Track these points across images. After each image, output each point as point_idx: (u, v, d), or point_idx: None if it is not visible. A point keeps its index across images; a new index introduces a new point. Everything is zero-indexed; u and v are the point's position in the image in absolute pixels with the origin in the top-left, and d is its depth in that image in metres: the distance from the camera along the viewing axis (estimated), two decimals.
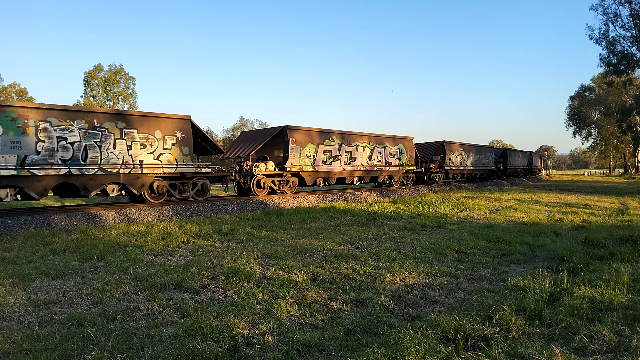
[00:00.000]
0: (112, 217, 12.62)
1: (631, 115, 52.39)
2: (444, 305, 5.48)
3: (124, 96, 56.64)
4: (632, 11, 43.97)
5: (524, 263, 7.85)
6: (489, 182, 34.80)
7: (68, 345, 4.08)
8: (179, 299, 5.46)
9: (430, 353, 3.81)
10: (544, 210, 16.18)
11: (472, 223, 12.47)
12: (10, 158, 11.57)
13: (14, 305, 5.31)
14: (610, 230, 10.32)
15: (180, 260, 7.71)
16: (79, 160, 12.82)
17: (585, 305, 4.95)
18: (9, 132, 11.54)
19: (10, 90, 55.95)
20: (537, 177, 51.19)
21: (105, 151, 13.37)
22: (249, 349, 4.12)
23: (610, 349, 3.91)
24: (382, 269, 7.06)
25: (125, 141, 13.84)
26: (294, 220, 12.80)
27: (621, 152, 76.56)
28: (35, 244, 8.97)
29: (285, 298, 5.59)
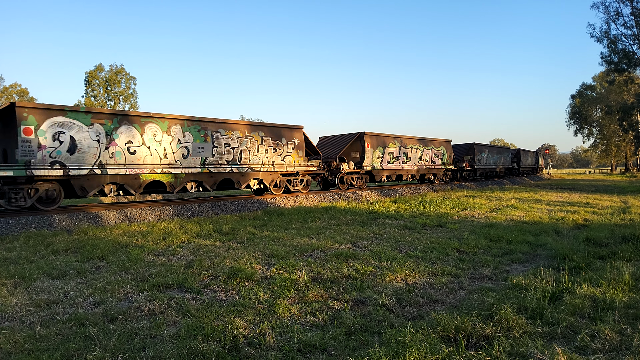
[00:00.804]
0: (114, 217, 12.64)
1: (632, 113, 52.31)
2: (445, 304, 5.48)
3: (125, 96, 56.63)
4: (634, 9, 43.90)
5: (525, 262, 7.84)
6: (490, 181, 34.90)
7: (70, 346, 4.09)
8: (180, 299, 5.46)
9: (432, 352, 3.80)
10: (546, 209, 16.16)
11: (474, 222, 12.46)
12: (196, 160, 15.52)
13: (15, 305, 5.31)
14: (612, 229, 10.30)
15: (181, 260, 7.71)
16: (236, 161, 16.91)
17: (587, 304, 4.94)
18: (196, 140, 15.52)
19: (12, 90, 56.01)
20: (538, 176, 51.17)
21: (252, 154, 17.49)
22: (250, 349, 4.12)
23: (611, 348, 3.91)
24: (384, 268, 7.06)
25: (263, 146, 17.98)
26: (295, 219, 12.80)
27: (622, 150, 76.44)
28: (37, 244, 8.98)
29: (287, 298, 5.59)
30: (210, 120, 16.10)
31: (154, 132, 14.45)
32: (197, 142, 15.52)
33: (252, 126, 17.80)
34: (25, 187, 12.09)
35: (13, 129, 12.19)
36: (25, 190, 12.10)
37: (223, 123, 16.51)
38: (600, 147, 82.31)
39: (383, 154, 24.00)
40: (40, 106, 12.34)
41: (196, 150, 15.47)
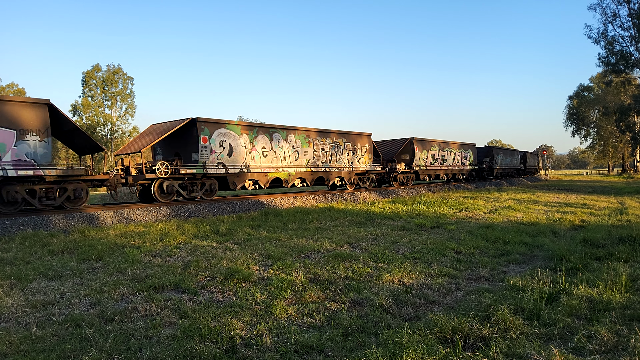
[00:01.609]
0: (110, 218, 12.61)
1: (630, 114, 52.47)
2: (442, 305, 5.48)
3: (122, 96, 56.57)
4: (631, 11, 44.05)
5: (522, 263, 7.85)
6: (487, 182, 35.06)
7: (66, 347, 4.07)
8: (177, 300, 5.45)
9: (429, 353, 3.80)
10: (543, 210, 16.19)
11: (471, 223, 12.47)
12: (303, 161, 19.89)
13: (11, 306, 5.29)
14: (609, 229, 10.33)
15: (178, 260, 7.70)
16: (328, 162, 21.23)
17: (584, 305, 4.95)
18: (303, 146, 19.94)
19: (9, 90, 55.84)
20: (536, 177, 51.32)
21: (338, 157, 21.80)
22: (247, 350, 4.11)
23: (608, 348, 3.91)
24: (381, 269, 7.06)
25: (346, 150, 22.24)
26: (292, 220, 12.79)
27: (620, 151, 76.66)
28: (33, 245, 8.95)
29: (284, 299, 5.58)
30: (313, 130, 20.47)
31: (277, 139, 18.71)
32: (304, 147, 20.01)
33: (338, 134, 21.87)
34: (198, 183, 16.22)
35: (192, 137, 15.87)
36: (197, 185, 16.20)
37: (321, 132, 20.91)
38: (597, 148, 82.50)
39: (427, 156, 28.28)
40: (212, 120, 16.22)
41: (303, 154, 19.91)
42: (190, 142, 15.90)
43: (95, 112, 54.37)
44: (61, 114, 12.98)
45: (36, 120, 12.19)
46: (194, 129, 15.65)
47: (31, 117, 12.08)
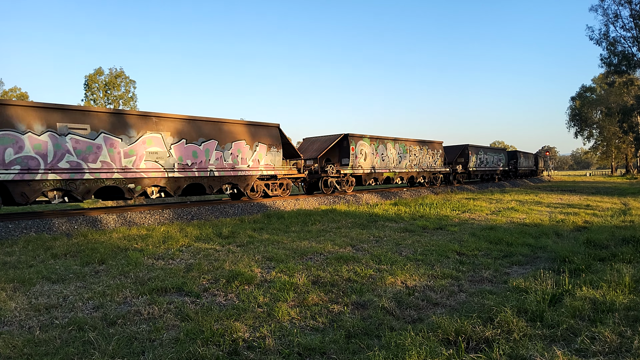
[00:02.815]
0: (113, 221, 12.63)
1: (633, 115, 52.30)
2: (445, 307, 5.47)
3: (124, 99, 56.73)
4: (633, 11, 43.94)
5: (525, 264, 7.83)
6: (490, 183, 35.06)
7: (69, 350, 4.08)
8: (179, 303, 5.45)
9: (432, 355, 3.80)
10: (546, 211, 16.15)
11: (474, 224, 12.45)
12: (402, 164, 25.60)
13: (15, 309, 5.30)
14: (612, 231, 10.30)
15: (181, 263, 7.70)
16: (418, 164, 26.84)
17: (587, 306, 4.93)
18: (403, 152, 25.51)
19: (11, 94, 56.05)
20: (538, 178, 51.24)
21: (424, 160, 27.44)
22: (249, 353, 4.11)
23: (611, 350, 3.90)
24: (383, 271, 7.05)
25: (428, 155, 27.77)
26: (294, 222, 12.79)
27: (623, 152, 76.44)
28: (36, 248, 8.98)
29: (286, 301, 5.58)
30: (410, 139, 26.31)
31: (389, 147, 24.48)
32: (404, 153, 25.77)
33: (420, 141, 27.33)
34: (346, 179, 21.76)
35: (343, 147, 21.94)
36: (345, 181, 21.74)
37: (408, 140, 26.24)
38: (600, 149, 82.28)
39: (476, 159, 34.77)
40: (356, 135, 22.00)
41: (403, 159, 25.67)
42: (342, 150, 22.02)
43: None
44: (283, 133, 18.54)
45: (276, 138, 18.11)
46: (345, 141, 21.69)
47: (272, 135, 18.02)
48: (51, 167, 11.99)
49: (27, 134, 11.54)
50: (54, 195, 12.37)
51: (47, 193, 12.22)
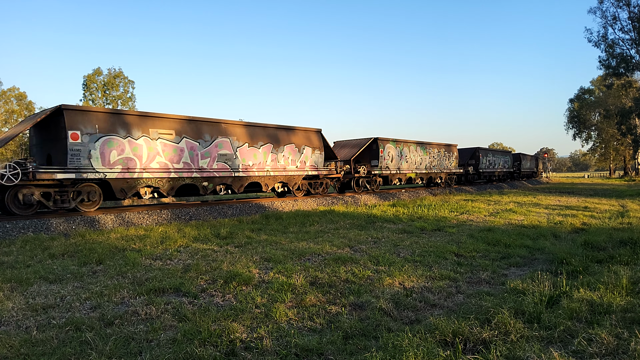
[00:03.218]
0: (111, 221, 12.62)
1: (631, 117, 52.47)
2: (443, 308, 5.47)
3: (123, 100, 56.67)
4: (631, 14, 44.10)
5: (523, 266, 7.84)
6: (488, 185, 35.12)
7: (66, 350, 4.07)
8: (177, 303, 5.45)
9: (429, 357, 3.80)
10: (544, 213, 16.17)
11: (472, 226, 12.46)
12: (423, 165, 27.90)
13: (12, 309, 5.29)
14: (610, 232, 10.32)
15: (178, 264, 7.70)
16: (437, 166, 29.21)
17: (584, 308, 4.94)
18: (424, 154, 28.09)
19: (10, 94, 55.95)
20: (537, 180, 51.36)
21: (442, 161, 29.90)
22: (247, 353, 4.11)
23: (608, 352, 3.91)
24: (381, 272, 7.06)
25: (446, 156, 30.40)
26: (293, 223, 12.79)
27: (621, 154, 76.63)
28: (34, 248, 8.96)
29: (284, 302, 5.58)
30: (429, 143, 28.65)
31: (411, 150, 26.74)
32: (424, 155, 28.08)
33: (438, 144, 29.71)
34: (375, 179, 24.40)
35: (373, 150, 23.97)
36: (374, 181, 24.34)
37: (430, 143, 28.74)
38: (598, 151, 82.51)
39: (486, 161, 37.38)
40: (384, 138, 24.32)
41: (423, 160, 27.91)
42: (372, 153, 24.12)
43: None
44: (323, 137, 20.64)
45: (319, 141, 20.31)
46: (375, 144, 23.93)
47: (316, 139, 20.22)
48: (145, 167, 13.96)
49: (127, 138, 13.55)
50: (145, 192, 14.27)
51: (139, 190, 14.00)
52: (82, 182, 13.01)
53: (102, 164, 12.97)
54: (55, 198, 12.65)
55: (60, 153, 12.87)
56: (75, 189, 12.98)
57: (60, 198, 12.73)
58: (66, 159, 12.37)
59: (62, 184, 12.70)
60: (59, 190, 12.69)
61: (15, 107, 55.76)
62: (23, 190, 12.15)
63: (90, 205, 13.44)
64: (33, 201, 12.31)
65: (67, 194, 12.82)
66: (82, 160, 12.59)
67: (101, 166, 12.96)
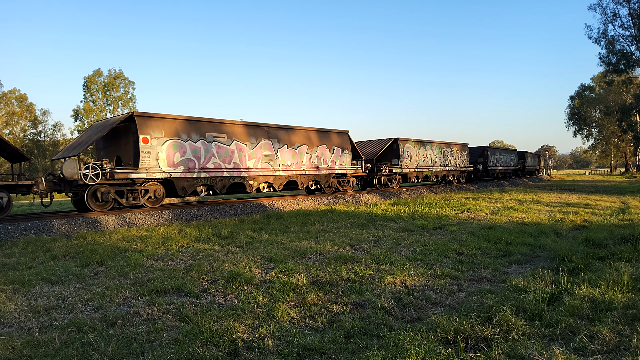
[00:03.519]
0: (113, 222, 12.63)
1: (631, 114, 52.41)
2: (444, 306, 5.48)
3: (123, 101, 56.69)
4: (631, 10, 44.00)
5: (524, 263, 7.84)
6: (489, 183, 35.15)
7: (68, 351, 4.08)
8: (179, 304, 5.46)
9: (430, 355, 3.80)
10: (545, 210, 16.17)
11: (473, 224, 12.46)
12: (437, 163, 29.45)
13: (14, 311, 5.31)
14: (611, 229, 10.31)
15: (180, 264, 7.71)
16: (452, 164, 31.19)
17: (586, 305, 4.94)
18: (439, 153, 29.46)
19: (11, 96, 56.00)
20: (538, 177, 51.40)
21: (454, 160, 31.63)
22: (249, 353, 4.12)
23: (610, 348, 3.91)
24: (383, 271, 7.06)
25: (457, 155, 32.04)
26: (294, 223, 12.80)
27: (622, 151, 76.54)
28: (36, 250, 8.98)
29: (286, 301, 5.58)
30: (443, 142, 30.26)
31: (428, 149, 28.32)
32: (439, 154, 29.61)
33: (453, 143, 31.61)
34: (396, 177, 25.94)
35: (394, 150, 25.37)
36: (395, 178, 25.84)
37: (444, 143, 30.47)
38: (599, 148, 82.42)
39: (494, 159, 38.60)
40: (404, 139, 25.86)
41: (438, 158, 29.63)
42: (392, 152, 25.58)
43: (97, 117, 54.48)
44: (350, 138, 22.00)
45: (347, 142, 21.66)
46: (395, 144, 25.37)
47: (344, 140, 21.59)
48: (202, 167, 15.34)
49: (188, 141, 14.99)
50: (201, 190, 15.63)
51: (197, 188, 15.39)
52: (149, 181, 14.46)
53: (168, 165, 14.43)
54: (128, 195, 14.12)
55: (130, 155, 14.25)
56: (143, 187, 14.35)
57: (131, 195, 14.18)
58: (138, 160, 13.76)
59: (133, 183, 14.12)
60: (130, 189, 14.13)
61: (16, 108, 55.82)
62: (101, 189, 13.56)
63: (154, 202, 14.86)
64: (109, 198, 13.72)
65: (137, 192, 14.24)
66: (151, 161, 14.05)
67: (167, 167, 14.42)
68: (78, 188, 13.45)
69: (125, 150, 14.53)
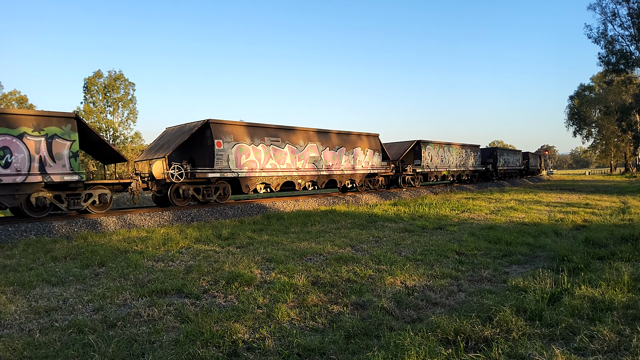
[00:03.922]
0: (113, 223, 12.64)
1: (631, 114, 52.37)
2: (444, 307, 5.48)
3: (123, 102, 56.69)
4: (630, 10, 43.99)
5: (524, 264, 7.84)
6: (489, 183, 35.22)
7: (69, 352, 4.08)
8: (179, 305, 5.46)
9: (431, 355, 3.81)
10: (545, 210, 16.17)
11: (473, 224, 12.46)
12: (454, 164, 31.44)
13: (14, 312, 5.31)
14: (611, 229, 10.31)
15: (180, 265, 7.71)
16: (465, 164, 33.14)
17: (586, 305, 4.94)
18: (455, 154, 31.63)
19: (11, 97, 56.04)
20: (538, 177, 51.42)
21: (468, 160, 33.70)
22: (249, 354, 4.12)
23: (610, 348, 3.91)
24: (383, 271, 7.06)
25: (470, 156, 34.11)
26: (294, 223, 12.80)
27: (622, 151, 76.51)
28: (36, 251, 8.98)
29: (286, 302, 5.59)
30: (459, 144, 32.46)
31: (446, 151, 30.64)
32: (455, 155, 31.90)
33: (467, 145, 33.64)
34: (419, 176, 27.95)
35: (416, 151, 27.35)
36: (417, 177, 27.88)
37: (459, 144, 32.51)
38: (599, 148, 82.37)
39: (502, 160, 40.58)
40: (425, 140, 27.80)
41: (455, 159, 31.84)
42: (415, 153, 27.50)
43: (97, 118, 54.50)
44: (380, 141, 23.60)
45: (377, 144, 23.43)
46: (418, 146, 27.46)
47: (375, 142, 23.34)
48: (262, 168, 17.44)
49: (251, 145, 17.02)
50: (260, 187, 17.74)
51: (257, 186, 17.47)
52: (219, 180, 16.54)
53: (236, 166, 16.44)
54: (203, 192, 16.10)
55: (205, 157, 16.13)
56: (214, 186, 16.41)
57: (206, 192, 16.16)
58: (213, 161, 15.73)
59: (208, 181, 16.18)
60: (205, 187, 16.15)
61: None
62: (182, 187, 15.53)
63: (222, 198, 16.86)
64: (189, 195, 15.71)
65: (210, 189, 16.33)
66: (223, 162, 16.00)
67: (235, 167, 16.43)
68: (162, 186, 15.40)
69: (200, 153, 16.39)
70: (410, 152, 27.58)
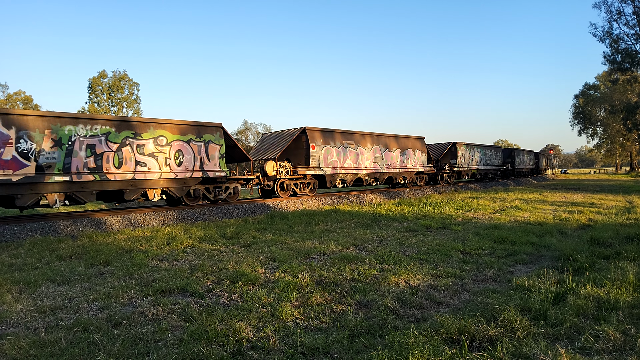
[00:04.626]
0: (118, 223, 12.69)
1: (636, 112, 52.10)
2: (449, 306, 5.47)
3: (128, 102, 56.91)
4: (636, 8, 43.77)
5: (529, 263, 7.82)
6: (494, 182, 35.14)
7: (74, 351, 4.11)
8: (184, 304, 5.48)
9: (435, 354, 3.80)
10: (550, 209, 16.11)
11: (477, 223, 12.43)
12: (479, 163, 34.08)
13: (20, 311, 5.34)
14: (617, 228, 10.26)
15: (185, 264, 7.74)
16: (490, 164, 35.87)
17: (591, 304, 4.93)
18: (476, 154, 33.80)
19: (16, 98, 56.37)
20: (542, 176, 51.23)
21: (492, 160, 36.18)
22: (253, 353, 4.13)
23: (615, 348, 3.89)
24: (387, 270, 7.06)
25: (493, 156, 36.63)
26: (298, 223, 12.81)
27: (627, 150, 76.15)
28: (42, 251, 9.03)
29: (290, 301, 5.59)
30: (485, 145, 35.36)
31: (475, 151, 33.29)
32: (483, 155, 34.64)
33: (491, 146, 36.64)
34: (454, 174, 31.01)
35: (452, 152, 30.59)
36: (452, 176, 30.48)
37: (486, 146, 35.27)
38: (604, 147, 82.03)
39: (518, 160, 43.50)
40: (460, 142, 30.94)
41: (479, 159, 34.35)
42: (451, 153, 30.80)
43: None
44: (425, 143, 26.66)
45: (423, 146, 26.46)
46: (453, 147, 30.53)
47: (421, 143, 26.40)
48: (341, 166, 20.91)
49: (334, 147, 20.53)
50: (338, 183, 21.00)
51: (337, 182, 20.91)
52: (311, 177, 19.74)
53: (324, 165, 19.86)
54: (301, 187, 19.49)
55: (301, 157, 19.77)
56: (307, 181, 19.69)
57: (302, 187, 19.54)
58: (309, 161, 19.20)
59: (304, 178, 19.53)
60: (302, 182, 19.49)
61: None
62: (285, 182, 18.92)
63: (312, 191, 20.13)
64: (290, 188, 19.12)
65: (305, 184, 19.64)
66: (315, 162, 19.36)
67: (323, 166, 19.87)
68: (269, 181, 18.67)
69: (296, 154, 20.01)
70: (447, 153, 30.69)
